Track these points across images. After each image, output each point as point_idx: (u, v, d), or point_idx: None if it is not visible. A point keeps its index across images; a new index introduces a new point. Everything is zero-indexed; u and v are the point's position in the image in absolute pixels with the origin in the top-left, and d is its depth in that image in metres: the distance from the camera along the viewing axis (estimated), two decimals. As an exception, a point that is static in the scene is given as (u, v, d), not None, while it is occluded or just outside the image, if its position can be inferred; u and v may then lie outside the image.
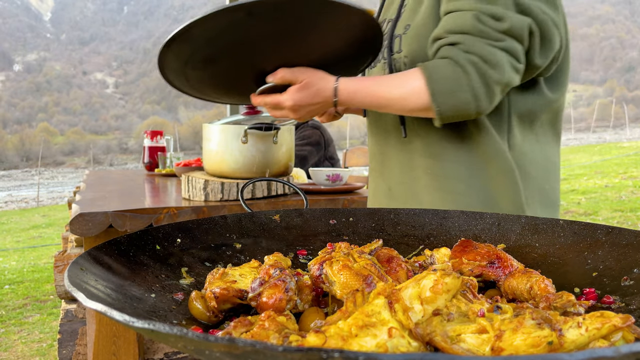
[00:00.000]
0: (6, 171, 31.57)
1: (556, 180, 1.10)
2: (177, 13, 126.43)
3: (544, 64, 0.96)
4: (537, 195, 1.06)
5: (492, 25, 0.91)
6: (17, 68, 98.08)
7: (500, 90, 0.94)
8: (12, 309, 3.66)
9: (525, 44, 0.92)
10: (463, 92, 0.92)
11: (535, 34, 0.92)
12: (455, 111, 0.95)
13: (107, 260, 0.56)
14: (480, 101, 0.93)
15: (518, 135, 1.04)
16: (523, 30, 0.90)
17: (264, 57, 1.00)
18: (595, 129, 37.22)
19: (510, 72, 0.92)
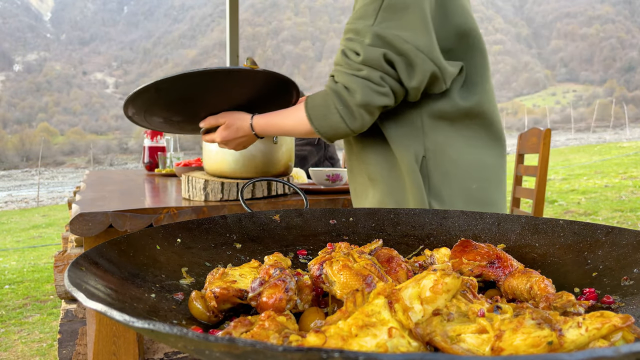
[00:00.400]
0: (6, 171, 31.57)
1: (488, 180, 1.16)
2: (177, 13, 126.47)
3: (420, 84, 1.08)
4: (459, 193, 1.15)
5: (353, 58, 1.08)
6: (17, 68, 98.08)
7: (365, 111, 1.09)
8: (12, 309, 3.66)
9: (386, 70, 1.06)
10: (332, 115, 1.11)
11: (397, 62, 1.05)
12: (332, 131, 1.14)
13: (107, 260, 0.56)
14: (347, 121, 1.11)
15: (437, 139, 1.15)
16: (377, 60, 1.05)
17: (196, 109, 1.29)
18: (595, 129, 37.23)
19: (369, 95, 1.07)
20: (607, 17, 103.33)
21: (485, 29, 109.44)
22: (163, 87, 1.19)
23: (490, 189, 1.17)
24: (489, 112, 1.17)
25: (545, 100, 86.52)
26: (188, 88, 1.20)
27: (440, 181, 1.15)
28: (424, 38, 1.04)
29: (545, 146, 2.55)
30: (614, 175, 10.15)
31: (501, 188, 1.20)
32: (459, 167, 1.15)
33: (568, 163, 13.31)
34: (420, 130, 1.15)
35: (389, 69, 1.06)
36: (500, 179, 1.19)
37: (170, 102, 1.25)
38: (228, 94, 1.24)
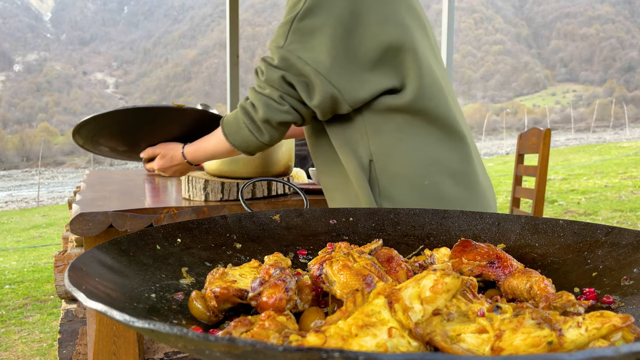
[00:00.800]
0: (6, 171, 31.56)
1: (443, 175, 1.17)
2: (177, 13, 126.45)
3: (321, 104, 1.13)
4: (410, 192, 1.17)
5: (260, 77, 1.17)
6: (17, 68, 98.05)
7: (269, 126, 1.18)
8: (12, 309, 3.66)
9: (286, 90, 1.14)
10: (242, 130, 1.21)
11: (296, 83, 1.13)
12: (245, 144, 1.23)
13: (107, 260, 0.56)
14: (256, 135, 1.20)
15: (382, 142, 1.18)
16: (277, 81, 1.13)
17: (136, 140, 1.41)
18: (595, 129, 37.22)
19: (270, 112, 1.16)
20: (607, 17, 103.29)
21: (485, 29, 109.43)
22: (101, 120, 1.32)
23: (446, 184, 1.17)
24: (431, 107, 1.16)
25: (545, 100, 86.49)
26: (124, 122, 1.35)
27: (390, 183, 1.18)
28: (325, 61, 1.10)
29: (545, 146, 2.55)
30: (614, 175, 10.15)
31: (464, 182, 1.19)
32: (406, 166, 1.17)
33: (568, 163, 13.31)
34: (365, 136, 1.18)
35: (288, 89, 1.14)
36: (460, 173, 1.19)
37: (112, 133, 1.39)
38: (162, 128, 1.38)
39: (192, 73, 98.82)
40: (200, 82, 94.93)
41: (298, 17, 1.10)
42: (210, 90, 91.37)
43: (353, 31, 1.11)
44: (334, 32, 1.09)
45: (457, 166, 1.19)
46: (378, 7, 1.12)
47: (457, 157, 1.19)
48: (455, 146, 1.19)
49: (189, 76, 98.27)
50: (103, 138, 1.40)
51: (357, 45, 1.11)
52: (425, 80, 1.15)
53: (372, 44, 1.12)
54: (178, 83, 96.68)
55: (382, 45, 1.12)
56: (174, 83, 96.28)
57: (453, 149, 1.19)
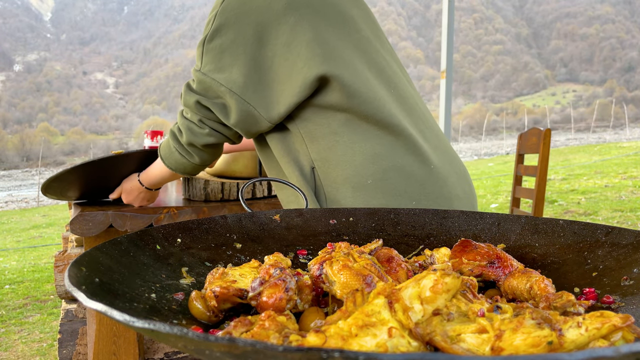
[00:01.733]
0: (6, 171, 31.55)
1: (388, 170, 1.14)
2: (177, 13, 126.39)
3: (239, 122, 1.14)
4: (354, 193, 1.15)
5: (183, 103, 1.20)
6: (17, 68, 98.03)
7: (195, 149, 1.22)
8: (12, 309, 3.66)
9: (204, 114, 1.17)
10: (173, 154, 1.26)
11: (212, 105, 1.14)
12: (181, 167, 1.27)
13: (107, 260, 0.56)
14: (186, 157, 1.24)
15: (319, 148, 1.17)
16: (193, 105, 1.16)
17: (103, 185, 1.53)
18: (595, 129, 37.23)
19: (193, 136, 1.19)
20: (607, 17, 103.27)
21: (485, 29, 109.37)
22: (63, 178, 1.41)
23: (393, 178, 1.14)
24: (360, 104, 1.13)
25: (545, 100, 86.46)
26: (83, 177, 1.45)
27: (333, 188, 1.16)
28: (238, 79, 1.10)
29: (545, 146, 2.55)
30: (614, 175, 10.15)
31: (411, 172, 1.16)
32: (346, 169, 1.15)
33: (568, 163, 13.32)
34: (303, 144, 1.18)
35: (206, 112, 1.17)
36: (404, 164, 1.16)
37: (77, 187, 1.49)
38: (119, 172, 1.48)
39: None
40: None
41: (208, 38, 1.12)
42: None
43: (262, 49, 1.10)
44: (243, 49, 1.10)
45: (401, 160, 1.15)
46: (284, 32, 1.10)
47: (400, 150, 1.16)
48: (394, 140, 1.16)
49: (189, 76, 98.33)
50: (71, 191, 1.51)
51: (267, 62, 1.11)
52: (346, 79, 1.11)
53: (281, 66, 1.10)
54: (178, 83, 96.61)
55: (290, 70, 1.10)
56: (174, 83, 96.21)
57: (393, 142, 1.15)
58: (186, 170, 1.28)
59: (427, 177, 1.16)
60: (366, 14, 1.26)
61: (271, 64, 1.10)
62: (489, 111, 64.30)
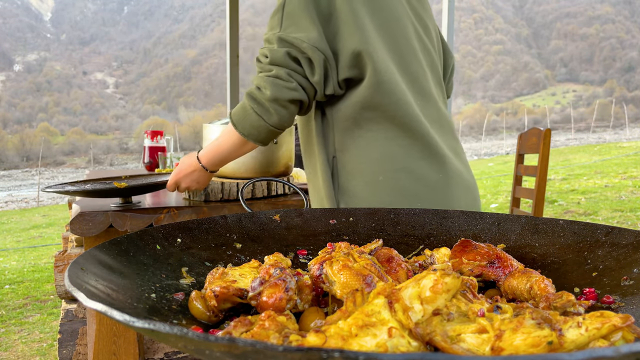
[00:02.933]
0: (6, 171, 31.57)
1: (399, 171, 1.22)
2: (177, 13, 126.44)
3: (321, 78, 1.20)
4: (365, 187, 1.23)
5: (263, 61, 1.22)
6: (17, 68, 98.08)
7: (278, 105, 1.20)
8: (12, 309, 3.66)
9: (293, 67, 1.19)
10: (250, 115, 1.22)
11: (301, 58, 1.19)
12: (255, 130, 1.23)
13: (107, 260, 0.56)
14: (264, 117, 1.21)
15: (343, 139, 1.26)
16: (283, 58, 1.19)
17: None
18: (595, 129, 37.21)
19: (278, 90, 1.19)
20: (607, 17, 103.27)
21: (486, 29, 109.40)
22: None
23: (404, 179, 1.22)
24: (387, 104, 1.22)
25: (545, 100, 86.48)
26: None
27: (346, 179, 1.25)
28: (316, 36, 1.19)
29: (545, 146, 2.55)
30: (614, 175, 10.14)
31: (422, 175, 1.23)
32: (362, 163, 1.23)
33: (568, 163, 13.31)
34: (332, 132, 1.27)
35: (295, 65, 1.20)
36: (416, 167, 1.23)
37: None
38: None
39: (192, 73, 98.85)
40: (200, 82, 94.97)
41: (287, 3, 1.21)
42: (210, 90, 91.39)
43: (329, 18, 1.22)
44: (317, 14, 1.20)
45: (414, 163, 1.23)
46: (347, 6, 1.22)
47: (416, 154, 1.23)
48: (412, 143, 1.23)
49: (189, 76, 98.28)
50: None
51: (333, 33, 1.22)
52: (381, 77, 1.21)
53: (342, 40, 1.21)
54: (178, 83, 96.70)
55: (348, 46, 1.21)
56: (174, 83, 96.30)
57: (411, 145, 1.23)
58: (260, 136, 1.24)
59: (436, 184, 1.23)
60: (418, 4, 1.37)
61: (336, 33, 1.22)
62: (489, 111, 64.40)
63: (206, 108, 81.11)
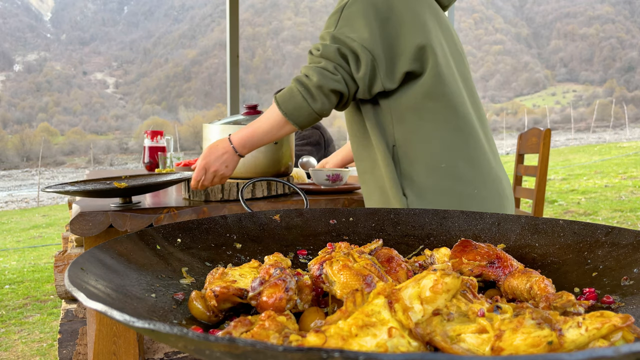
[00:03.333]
0: (6, 171, 31.58)
1: (458, 159, 1.33)
2: (177, 13, 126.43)
3: (365, 75, 1.30)
4: (427, 174, 1.32)
5: (315, 53, 1.34)
6: (17, 68, 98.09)
7: (322, 93, 1.30)
8: (12, 309, 3.66)
9: (339, 62, 1.30)
10: (295, 97, 1.32)
11: (349, 55, 1.30)
12: (298, 111, 1.32)
13: (107, 260, 0.56)
14: (308, 101, 1.31)
15: (404, 129, 1.34)
16: (333, 53, 1.30)
17: None
18: (595, 129, 37.20)
19: (324, 79, 1.29)
20: (607, 17, 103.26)
21: (485, 29, 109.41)
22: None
23: (463, 167, 1.33)
24: (448, 95, 1.33)
25: (545, 100, 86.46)
26: None
27: (409, 166, 1.34)
28: (368, 38, 1.29)
29: (545, 146, 2.55)
30: (614, 175, 10.14)
31: (478, 165, 1.36)
32: (424, 151, 1.33)
33: (568, 163, 13.31)
34: (390, 123, 1.36)
35: (342, 61, 1.31)
36: (473, 157, 1.35)
37: None
38: None
39: (192, 73, 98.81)
40: (200, 82, 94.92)
41: (347, 5, 1.33)
42: (210, 90, 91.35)
43: (389, 20, 1.32)
44: (374, 17, 1.31)
45: (471, 153, 1.35)
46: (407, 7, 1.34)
47: (471, 145, 1.35)
48: (468, 136, 1.35)
49: (189, 76, 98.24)
50: None
51: (393, 32, 1.31)
52: (442, 70, 1.33)
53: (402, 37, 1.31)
54: (178, 83, 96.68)
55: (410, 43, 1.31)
56: (174, 83, 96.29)
57: (467, 138, 1.35)
58: (299, 118, 1.32)
59: (488, 173, 1.37)
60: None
61: (393, 36, 1.31)
62: (489, 111, 64.41)
63: (206, 108, 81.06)
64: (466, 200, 1.32)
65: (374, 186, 1.41)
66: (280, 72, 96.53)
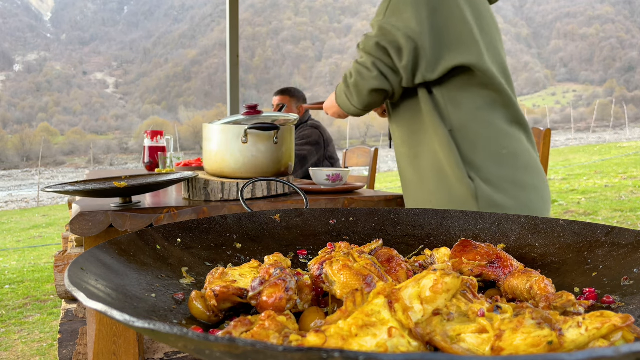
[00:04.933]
0: (6, 171, 31.58)
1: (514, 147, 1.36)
2: (177, 13, 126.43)
3: (408, 63, 1.31)
4: (490, 158, 1.34)
5: (360, 47, 1.37)
6: (17, 68, 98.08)
7: (358, 92, 1.38)
8: (12, 309, 3.66)
9: (378, 56, 1.33)
10: (342, 94, 1.45)
11: (389, 47, 1.31)
12: (346, 107, 1.46)
13: (107, 260, 0.56)
14: (350, 100, 1.41)
15: (460, 116, 1.36)
16: (372, 47, 1.33)
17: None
18: (595, 129, 37.20)
19: (360, 78, 1.36)
20: (607, 17, 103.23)
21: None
22: None
23: (523, 156, 1.36)
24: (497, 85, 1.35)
25: (545, 100, 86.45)
26: None
27: (470, 150, 1.35)
28: (415, 27, 1.30)
29: (545, 146, 2.55)
30: (614, 175, 10.14)
31: (533, 156, 1.41)
32: (484, 137, 1.35)
33: (568, 163, 13.30)
34: (445, 109, 1.38)
35: (381, 54, 1.32)
36: (528, 148, 1.40)
37: None
38: None
39: (192, 73, 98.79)
40: (200, 82, 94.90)
41: None
42: (210, 90, 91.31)
43: (437, 11, 1.33)
44: (425, 7, 1.32)
45: (524, 144, 1.39)
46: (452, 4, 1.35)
47: (523, 137, 1.40)
48: (519, 127, 1.40)
49: (189, 76, 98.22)
50: None
51: (441, 23, 1.32)
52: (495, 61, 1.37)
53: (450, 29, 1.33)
54: (178, 83, 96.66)
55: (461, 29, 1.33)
56: (174, 83, 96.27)
57: (519, 129, 1.40)
58: (349, 111, 1.46)
59: (538, 165, 1.42)
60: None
61: (442, 26, 1.32)
62: (489, 111, 64.17)
63: (206, 108, 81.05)
64: (531, 191, 1.35)
65: (429, 171, 1.41)
66: (280, 72, 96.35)
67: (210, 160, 1.64)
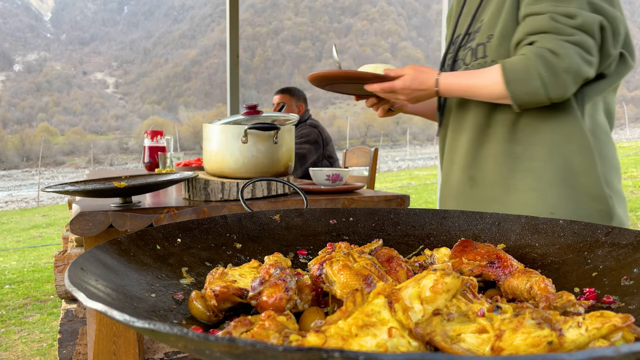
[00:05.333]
0: (6, 171, 31.59)
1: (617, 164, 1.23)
2: (177, 13, 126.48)
3: (616, 53, 1.13)
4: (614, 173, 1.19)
5: (565, 22, 1.07)
6: (17, 68, 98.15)
7: (571, 79, 1.08)
8: (12, 309, 3.66)
9: (597, 39, 1.08)
10: (533, 80, 1.09)
11: (607, 29, 1.08)
12: (528, 97, 1.11)
13: (107, 260, 0.56)
14: (548, 88, 1.08)
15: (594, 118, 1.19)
16: (594, 25, 1.07)
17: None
18: (595, 129, 37.14)
19: (580, 62, 1.07)
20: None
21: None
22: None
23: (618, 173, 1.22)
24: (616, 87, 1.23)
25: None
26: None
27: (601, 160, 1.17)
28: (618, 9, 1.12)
29: (545, 146, 2.55)
30: (614, 175, 10.14)
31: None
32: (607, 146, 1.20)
33: (568, 163, 13.29)
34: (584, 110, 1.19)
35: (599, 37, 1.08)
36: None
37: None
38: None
39: (192, 73, 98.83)
40: (200, 82, 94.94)
41: None
42: (210, 90, 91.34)
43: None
44: None
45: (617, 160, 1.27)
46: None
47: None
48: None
49: (189, 76, 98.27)
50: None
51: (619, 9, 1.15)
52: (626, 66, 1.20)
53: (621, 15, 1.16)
54: (178, 83, 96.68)
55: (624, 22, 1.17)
56: (174, 83, 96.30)
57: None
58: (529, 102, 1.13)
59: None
60: None
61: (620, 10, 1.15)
62: (489, 111, 64.31)
63: (206, 108, 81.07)
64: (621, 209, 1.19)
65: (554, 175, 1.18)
66: (280, 72, 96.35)
67: (210, 160, 1.64)
